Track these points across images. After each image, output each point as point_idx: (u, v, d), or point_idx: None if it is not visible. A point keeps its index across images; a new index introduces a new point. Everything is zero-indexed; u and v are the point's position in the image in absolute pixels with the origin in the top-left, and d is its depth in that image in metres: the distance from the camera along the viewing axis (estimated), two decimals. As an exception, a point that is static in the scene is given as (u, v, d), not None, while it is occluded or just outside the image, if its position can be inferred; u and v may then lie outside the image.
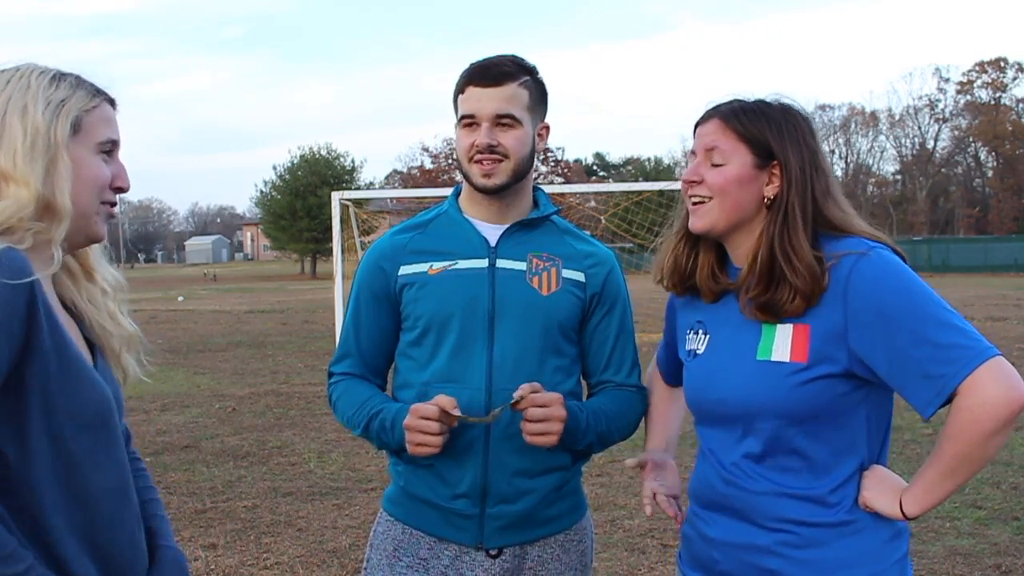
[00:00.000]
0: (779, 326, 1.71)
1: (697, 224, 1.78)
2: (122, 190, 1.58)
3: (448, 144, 58.66)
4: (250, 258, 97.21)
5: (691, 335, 1.90)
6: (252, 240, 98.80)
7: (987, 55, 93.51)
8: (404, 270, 2.10)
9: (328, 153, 56.07)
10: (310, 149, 55.90)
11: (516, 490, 2.05)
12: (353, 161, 56.42)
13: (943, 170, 73.55)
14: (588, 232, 2.32)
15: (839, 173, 74.23)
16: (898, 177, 76.15)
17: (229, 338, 16.74)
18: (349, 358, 2.18)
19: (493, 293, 2.05)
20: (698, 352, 1.86)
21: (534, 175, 2.19)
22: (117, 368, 1.65)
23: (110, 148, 1.56)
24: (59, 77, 1.53)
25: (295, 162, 55.55)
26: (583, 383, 2.21)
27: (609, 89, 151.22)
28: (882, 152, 75.77)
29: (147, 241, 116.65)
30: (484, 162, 2.04)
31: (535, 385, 1.95)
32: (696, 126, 1.83)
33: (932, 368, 1.57)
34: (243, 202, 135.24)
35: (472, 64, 2.08)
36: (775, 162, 1.74)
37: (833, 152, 75.07)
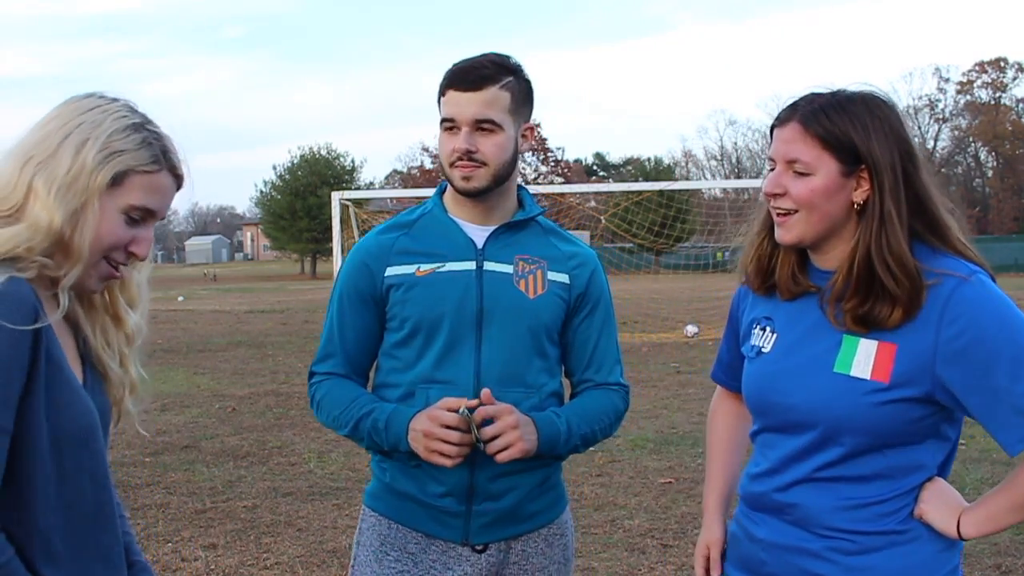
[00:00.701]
0: (862, 340, 1.63)
1: (785, 237, 1.69)
2: (135, 256, 1.55)
3: (448, 144, 58.54)
4: (250, 258, 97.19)
5: (756, 330, 1.82)
6: (252, 240, 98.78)
7: (987, 55, 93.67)
8: (391, 271, 2.09)
9: (328, 153, 56.10)
10: (310, 149, 55.98)
11: (501, 487, 2.06)
12: (353, 161, 56.50)
13: (943, 170, 73.46)
14: (588, 232, 2.33)
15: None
16: (898, 177, 76.01)
17: (229, 338, 16.73)
18: (332, 358, 2.16)
19: (481, 296, 2.06)
20: (764, 350, 1.78)
21: (534, 175, 2.19)
22: (115, 410, 1.64)
23: (141, 216, 1.52)
24: (135, 128, 1.50)
25: (295, 162, 55.59)
26: (566, 381, 2.22)
27: (609, 89, 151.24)
28: (882, 152, 75.65)
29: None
30: (464, 167, 2.04)
31: (486, 409, 1.95)
32: (773, 127, 1.70)
33: None
34: (243, 202, 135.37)
35: (453, 65, 2.06)
36: (863, 166, 1.62)
37: (833, 152, 74.95)
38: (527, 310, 2.07)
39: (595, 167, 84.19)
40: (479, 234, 2.11)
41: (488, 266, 2.08)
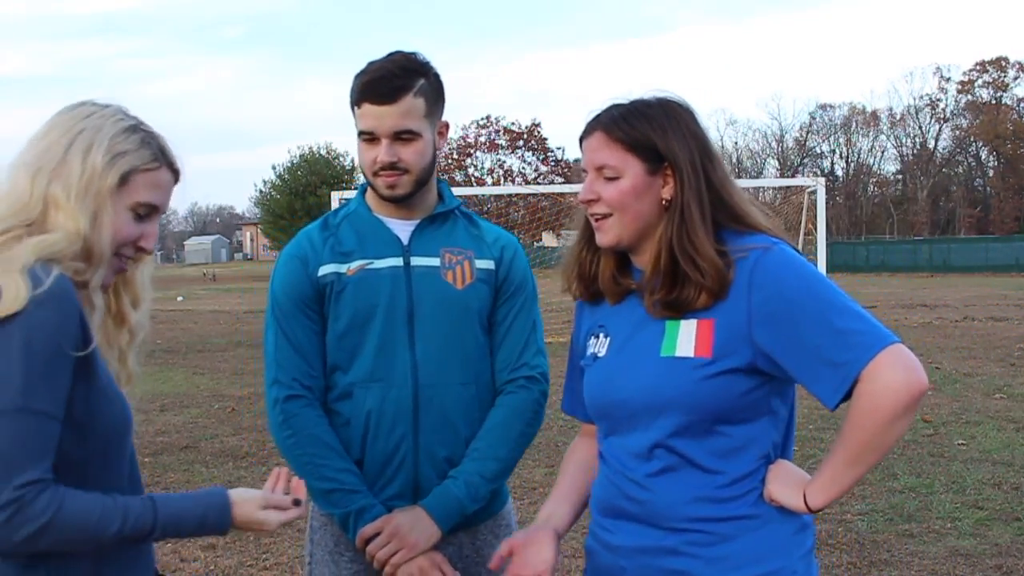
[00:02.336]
0: (683, 322, 1.69)
1: (604, 240, 1.76)
2: (144, 251, 1.61)
3: (448, 144, 58.64)
4: (249, 258, 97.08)
5: (592, 340, 1.86)
6: (251, 240, 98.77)
7: (988, 54, 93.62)
8: (323, 270, 2.11)
9: (328, 153, 56.09)
10: (310, 149, 55.96)
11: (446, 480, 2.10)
12: (353, 161, 56.31)
13: (944, 170, 73.61)
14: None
15: (840, 173, 74.37)
16: (899, 177, 76.20)
17: (229, 338, 16.73)
18: (286, 374, 2.09)
19: (410, 291, 2.10)
20: (599, 355, 1.82)
21: (534, 175, 2.20)
22: None
23: (147, 212, 1.58)
24: (132, 129, 1.57)
25: (295, 162, 55.57)
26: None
27: (609, 89, 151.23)
28: (883, 152, 75.74)
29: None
30: (387, 176, 2.07)
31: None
32: (581, 140, 1.79)
33: (835, 355, 1.57)
34: (242, 202, 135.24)
35: (365, 75, 2.05)
36: (666, 163, 1.71)
37: (834, 151, 75.22)
38: (455, 301, 2.11)
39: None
40: (404, 229, 2.15)
41: (415, 261, 2.12)
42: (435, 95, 2.10)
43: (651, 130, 1.70)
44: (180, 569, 4.75)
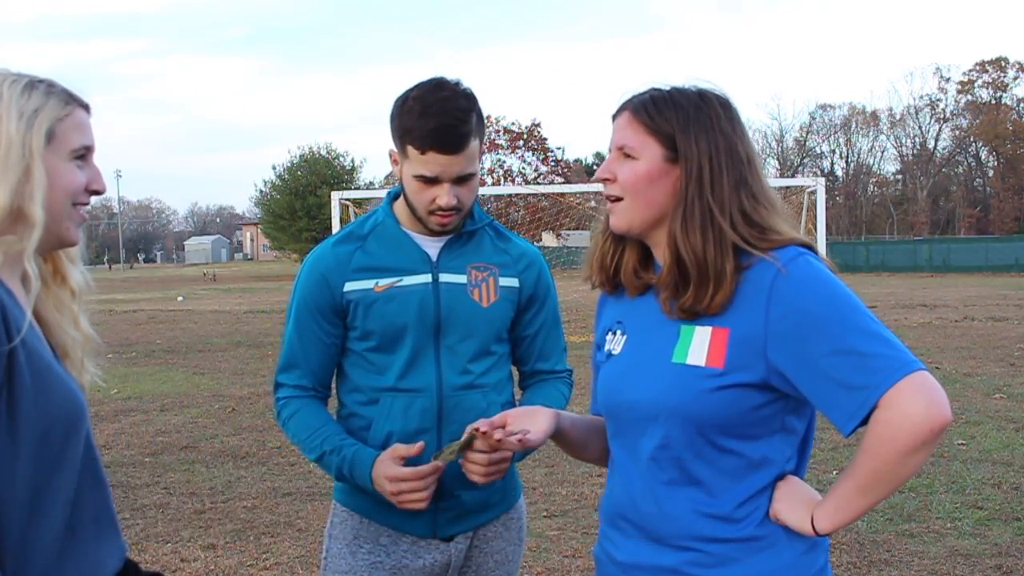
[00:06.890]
0: (698, 328, 1.61)
1: (615, 223, 1.69)
2: (98, 192, 1.58)
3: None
4: (249, 258, 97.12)
5: (609, 336, 1.80)
6: (251, 240, 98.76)
7: (988, 55, 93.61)
8: (350, 286, 2.14)
9: (328, 153, 56.11)
10: (310, 149, 56.00)
11: (465, 484, 2.08)
12: (353, 161, 56.52)
13: (944, 170, 73.62)
14: (588, 232, 2.35)
15: (840, 173, 74.33)
16: (899, 177, 76.26)
17: (229, 338, 16.72)
18: (296, 368, 2.22)
19: (438, 308, 2.15)
20: (614, 353, 1.77)
21: (534, 175, 2.21)
22: (78, 374, 1.62)
23: (84, 154, 1.55)
24: (32, 85, 1.51)
25: (295, 162, 55.60)
26: (514, 370, 2.34)
27: (610, 88, 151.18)
28: (883, 152, 75.86)
29: (147, 241, 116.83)
30: (445, 216, 2.08)
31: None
32: (613, 118, 1.74)
33: (854, 378, 1.47)
34: (243, 202, 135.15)
35: (428, 118, 1.99)
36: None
37: (834, 151, 75.20)
38: (481, 318, 2.17)
39: (595, 167, 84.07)
40: (432, 245, 2.18)
41: (443, 278, 2.16)
42: (483, 128, 2.09)
43: (676, 119, 1.63)
44: (180, 569, 4.75)
